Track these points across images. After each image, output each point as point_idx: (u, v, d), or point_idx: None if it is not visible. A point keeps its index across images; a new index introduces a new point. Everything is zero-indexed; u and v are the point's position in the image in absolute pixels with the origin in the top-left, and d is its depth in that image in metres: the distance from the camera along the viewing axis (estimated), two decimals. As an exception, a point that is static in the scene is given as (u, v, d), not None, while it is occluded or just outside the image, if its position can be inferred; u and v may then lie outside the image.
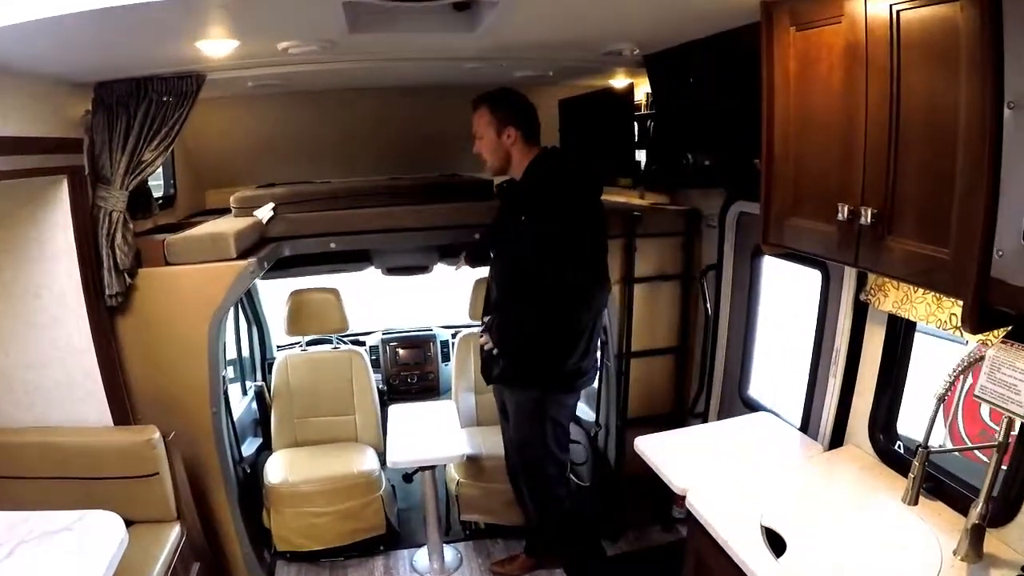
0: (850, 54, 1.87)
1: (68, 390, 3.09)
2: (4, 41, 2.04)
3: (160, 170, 3.97)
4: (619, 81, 4.09)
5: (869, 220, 1.84)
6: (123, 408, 3.22)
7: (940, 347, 2.54)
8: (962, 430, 2.58)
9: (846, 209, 1.92)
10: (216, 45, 2.58)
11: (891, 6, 1.70)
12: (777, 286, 3.31)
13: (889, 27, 1.71)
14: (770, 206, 2.35)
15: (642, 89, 3.99)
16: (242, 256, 3.40)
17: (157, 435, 3.02)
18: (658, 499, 3.88)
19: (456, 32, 2.68)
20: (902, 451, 2.49)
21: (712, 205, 3.63)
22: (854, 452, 2.63)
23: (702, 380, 3.82)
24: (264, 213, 3.84)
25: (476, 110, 3.18)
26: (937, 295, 2.11)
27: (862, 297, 2.51)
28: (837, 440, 2.73)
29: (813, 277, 2.87)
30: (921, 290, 2.18)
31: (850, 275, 2.59)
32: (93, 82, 2.97)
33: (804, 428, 2.91)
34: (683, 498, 2.48)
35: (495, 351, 3.21)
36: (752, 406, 3.33)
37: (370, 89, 4.16)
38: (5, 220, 2.88)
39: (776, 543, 2.13)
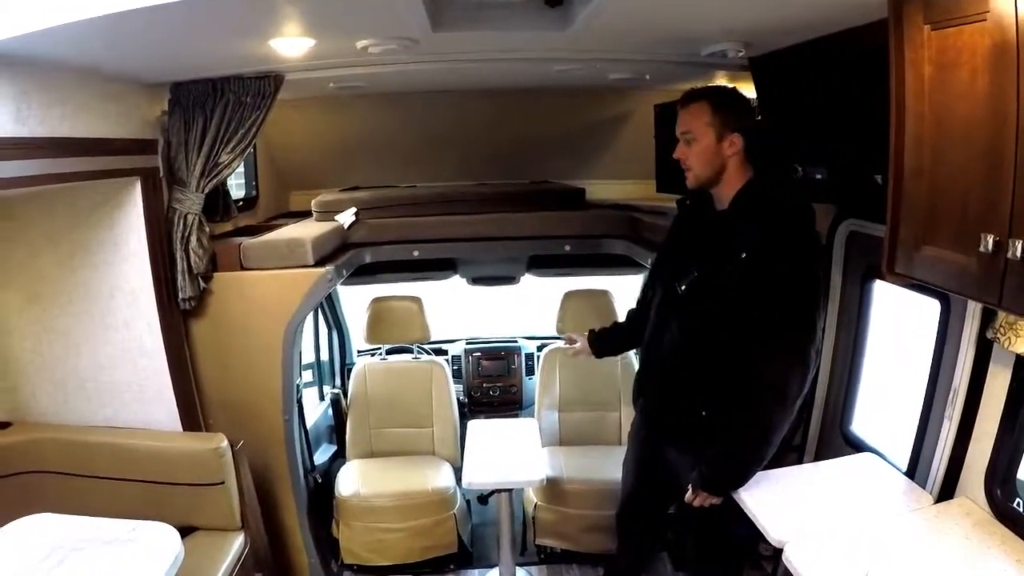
0: (997, 57, 1.58)
1: (139, 392, 3.09)
2: (72, 38, 2.01)
3: (242, 172, 3.98)
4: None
5: (1019, 254, 1.54)
6: (193, 412, 3.20)
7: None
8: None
9: (990, 240, 1.62)
10: (291, 43, 2.49)
11: (1045, 0, 1.42)
12: (888, 312, 3.00)
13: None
14: (897, 230, 2.05)
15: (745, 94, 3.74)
16: (320, 262, 3.34)
17: (225, 443, 2.97)
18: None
19: (547, 30, 2.52)
20: (1021, 509, 2.20)
21: (820, 222, 3.33)
22: (966, 506, 2.32)
23: (800, 411, 3.52)
24: (346, 218, 3.79)
25: (689, 105, 2.54)
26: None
27: (989, 334, 2.20)
28: (948, 490, 2.42)
29: (930, 306, 2.56)
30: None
31: (974, 308, 2.29)
32: (169, 83, 2.96)
33: (911, 474, 2.60)
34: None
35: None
36: (854, 444, 3.04)
37: (456, 92, 4.02)
38: (80, 221, 2.89)
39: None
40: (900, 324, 2.94)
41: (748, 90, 3.50)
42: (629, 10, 2.27)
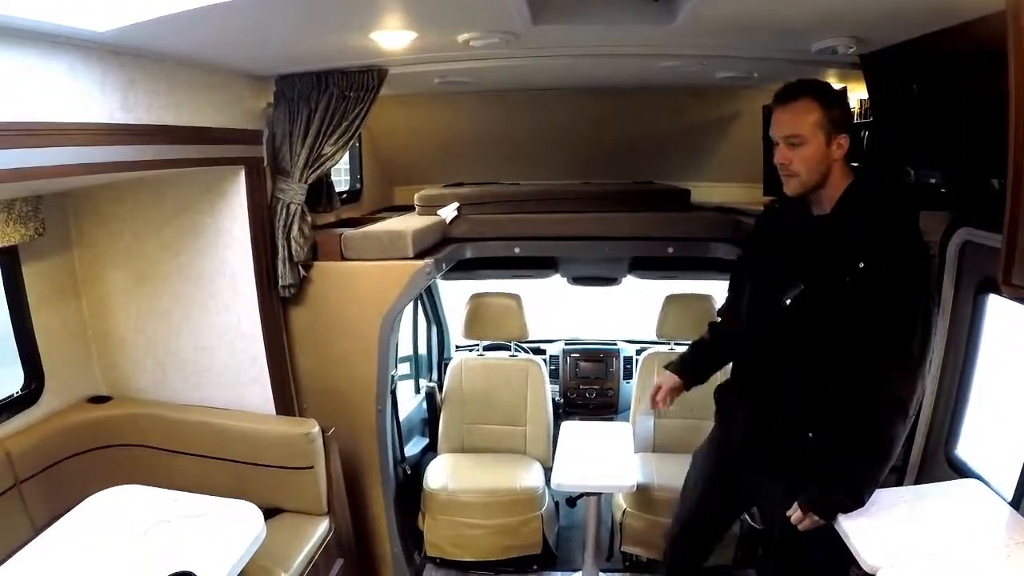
0: None
1: (235, 374, 3.18)
2: (180, 29, 2.08)
3: (347, 164, 4.06)
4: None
5: None
6: (287, 397, 3.27)
7: None
8: None
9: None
10: (393, 36, 2.51)
11: None
12: (998, 329, 2.76)
13: None
14: (1015, 238, 1.87)
15: (855, 95, 3.53)
16: (420, 256, 3.35)
17: (316, 429, 3.03)
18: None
19: (650, 23, 2.43)
20: None
21: (932, 230, 3.09)
22: (1070, 542, 2.10)
23: (907, 428, 3.31)
24: (448, 213, 3.80)
25: (791, 102, 2.27)
26: None
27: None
28: (1055, 524, 2.21)
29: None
30: None
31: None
32: (274, 75, 3.04)
33: (1016, 504, 2.38)
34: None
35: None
36: (958, 468, 2.80)
37: (559, 89, 3.98)
38: (185, 207, 3.00)
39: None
40: (1012, 341, 2.71)
41: (859, 89, 3.32)
42: (736, 3, 2.17)
